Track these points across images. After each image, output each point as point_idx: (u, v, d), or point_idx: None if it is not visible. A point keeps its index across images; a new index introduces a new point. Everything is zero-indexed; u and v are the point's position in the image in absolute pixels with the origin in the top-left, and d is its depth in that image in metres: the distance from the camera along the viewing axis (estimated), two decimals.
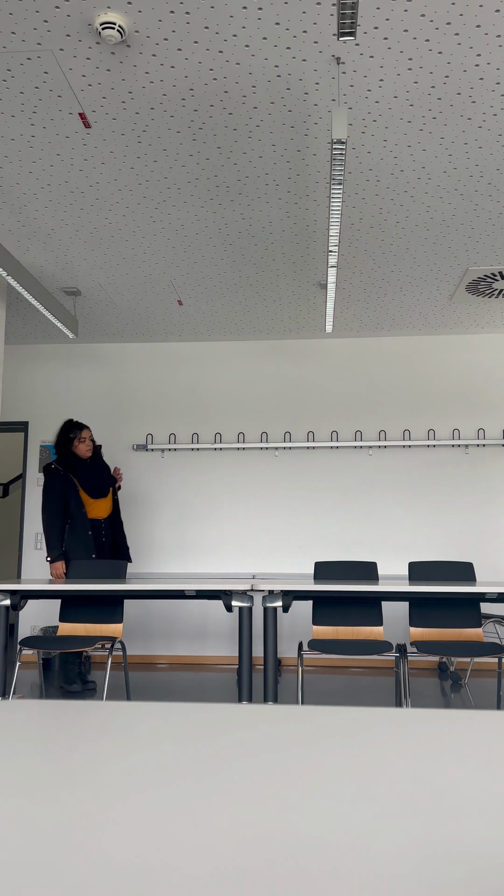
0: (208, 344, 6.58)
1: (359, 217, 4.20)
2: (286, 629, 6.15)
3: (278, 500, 6.30)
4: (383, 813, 0.51)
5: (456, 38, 2.75)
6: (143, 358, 6.63)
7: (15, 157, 3.61)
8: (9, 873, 0.41)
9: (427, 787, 0.56)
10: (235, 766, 0.61)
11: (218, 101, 3.15)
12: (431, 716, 0.81)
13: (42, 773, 0.60)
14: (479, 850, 0.44)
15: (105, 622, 4.19)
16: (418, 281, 5.13)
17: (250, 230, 4.37)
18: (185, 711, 0.82)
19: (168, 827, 0.48)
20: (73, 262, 4.85)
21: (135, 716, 0.80)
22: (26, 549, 6.48)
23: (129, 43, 2.79)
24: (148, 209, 4.13)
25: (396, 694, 4.03)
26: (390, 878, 0.40)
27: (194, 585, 3.51)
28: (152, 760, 0.63)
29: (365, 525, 6.20)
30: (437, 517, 6.16)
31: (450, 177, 3.76)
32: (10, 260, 4.24)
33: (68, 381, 6.67)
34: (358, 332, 6.28)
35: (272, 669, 3.50)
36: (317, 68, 2.92)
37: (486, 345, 6.34)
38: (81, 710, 0.82)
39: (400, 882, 0.39)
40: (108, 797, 0.54)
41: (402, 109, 3.19)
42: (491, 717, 0.80)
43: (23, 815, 0.50)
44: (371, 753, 0.66)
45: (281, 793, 0.55)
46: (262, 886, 0.39)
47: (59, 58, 2.88)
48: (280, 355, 6.50)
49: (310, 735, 0.72)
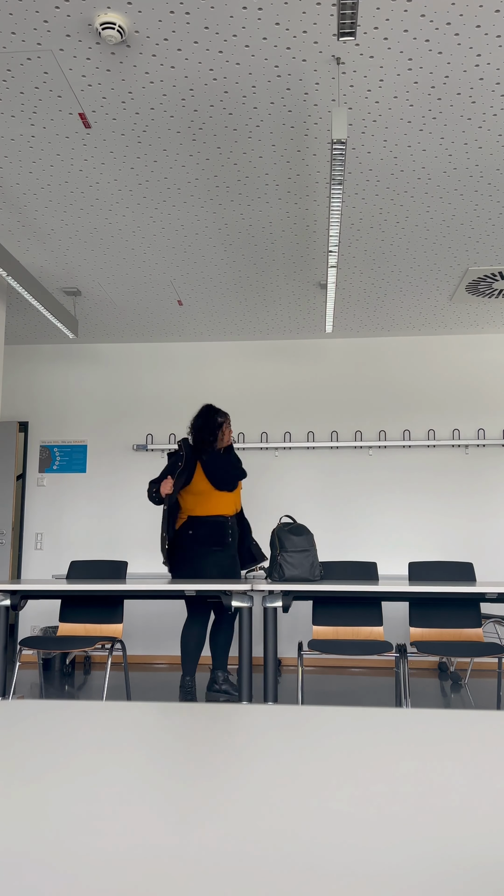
0: (208, 344, 6.58)
1: (359, 217, 4.20)
2: (286, 629, 6.15)
3: (278, 500, 6.30)
4: (383, 813, 0.51)
5: (456, 38, 2.75)
6: (143, 358, 6.63)
7: (15, 157, 3.61)
8: (8, 873, 0.41)
9: (427, 788, 0.56)
10: (235, 767, 0.61)
11: (218, 102, 3.15)
12: (431, 716, 0.81)
13: (42, 774, 0.60)
14: (479, 851, 0.44)
15: (105, 622, 4.19)
16: (418, 281, 5.13)
17: (250, 230, 4.37)
18: (185, 711, 0.82)
19: (167, 827, 0.48)
20: (73, 262, 4.85)
21: (135, 716, 0.80)
22: (26, 549, 6.48)
23: (129, 43, 2.79)
24: (148, 209, 4.13)
25: (396, 694, 4.03)
26: (390, 879, 0.40)
27: (194, 585, 3.51)
28: (152, 761, 0.63)
29: (365, 525, 6.20)
30: (437, 517, 6.16)
31: (450, 177, 3.76)
32: (10, 260, 4.24)
33: (68, 381, 6.67)
34: (358, 332, 6.28)
35: (272, 669, 3.50)
36: (317, 68, 2.92)
37: (486, 345, 6.33)
38: (81, 710, 0.82)
39: (400, 883, 0.39)
40: (108, 797, 0.54)
41: (402, 109, 3.19)
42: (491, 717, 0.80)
43: (22, 816, 0.50)
44: (371, 754, 0.66)
45: (280, 793, 0.55)
46: (261, 887, 0.39)
47: (59, 58, 2.88)
48: (280, 355, 6.50)
49: (310, 735, 0.72)
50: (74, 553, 6.43)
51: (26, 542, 6.49)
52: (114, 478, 6.49)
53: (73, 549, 6.44)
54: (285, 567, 3.81)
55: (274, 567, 3.87)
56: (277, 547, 3.88)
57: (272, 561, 3.92)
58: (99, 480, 6.49)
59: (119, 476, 6.49)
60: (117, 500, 6.46)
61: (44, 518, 6.50)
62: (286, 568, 3.81)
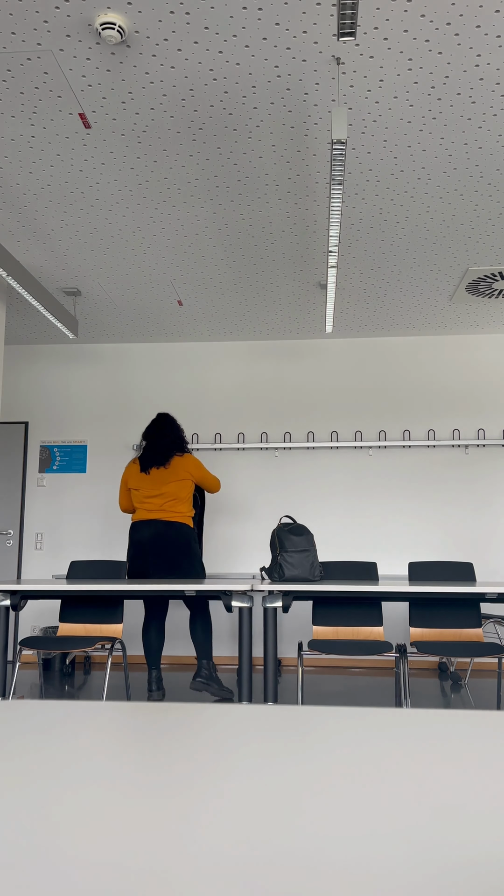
0: (208, 344, 6.58)
1: (359, 217, 4.20)
2: (286, 629, 6.15)
3: (278, 500, 6.30)
4: (383, 813, 0.51)
5: (456, 38, 2.75)
6: (143, 358, 6.63)
7: (15, 157, 3.61)
8: (8, 873, 0.41)
9: (427, 788, 0.56)
10: (235, 767, 0.62)
11: (218, 102, 3.15)
12: (431, 716, 0.81)
13: (41, 774, 0.60)
14: (479, 852, 0.44)
15: (105, 622, 4.19)
16: (418, 281, 5.13)
17: (250, 230, 4.37)
18: (185, 711, 0.82)
19: (167, 828, 0.48)
20: (73, 262, 4.85)
21: (135, 716, 0.80)
22: (26, 549, 6.48)
23: (129, 43, 2.79)
24: (148, 209, 4.13)
25: (396, 694, 4.03)
26: (390, 879, 0.40)
27: (194, 586, 3.51)
28: (151, 761, 0.63)
29: (365, 525, 6.20)
30: (437, 517, 6.16)
31: (450, 177, 3.76)
32: (10, 260, 4.24)
33: (68, 381, 6.67)
34: (358, 332, 6.28)
35: (272, 670, 3.50)
36: (317, 69, 2.92)
37: (486, 345, 6.34)
38: (81, 711, 0.82)
39: (400, 883, 0.39)
40: (108, 797, 0.54)
41: (401, 110, 3.19)
42: (491, 717, 0.80)
43: (22, 816, 0.50)
44: (371, 754, 0.66)
45: (280, 793, 0.55)
46: (261, 887, 0.39)
47: (59, 58, 2.88)
48: (280, 355, 6.50)
49: (310, 735, 0.72)
50: (74, 553, 6.43)
51: (26, 542, 6.49)
52: (114, 478, 6.49)
53: (73, 549, 6.44)
54: (285, 567, 3.81)
55: (274, 567, 3.87)
56: (277, 547, 3.89)
57: (272, 561, 3.92)
58: (99, 480, 6.49)
59: (119, 476, 6.48)
60: (117, 500, 6.46)
61: (44, 518, 6.50)
62: (286, 568, 3.81)
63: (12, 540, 6.46)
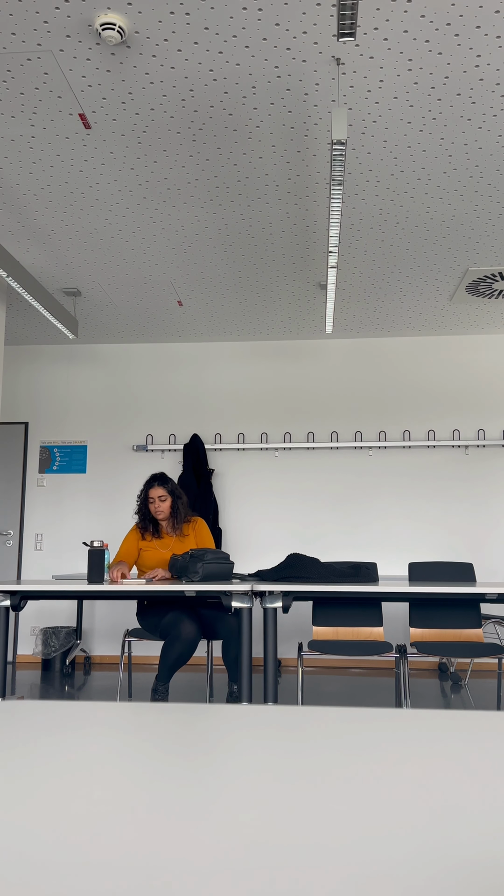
0: (208, 344, 6.58)
1: (359, 217, 4.20)
2: (286, 630, 6.14)
3: (278, 500, 6.30)
4: (383, 814, 0.51)
5: (456, 38, 2.75)
6: (143, 358, 6.64)
7: (15, 158, 3.61)
8: (8, 873, 0.41)
9: (427, 788, 0.56)
10: (235, 767, 0.62)
11: (218, 102, 3.15)
12: (431, 716, 0.81)
13: (42, 774, 0.60)
14: (479, 851, 0.44)
15: None
16: (418, 281, 5.13)
17: (250, 230, 4.37)
18: (185, 712, 0.82)
19: (166, 828, 0.48)
20: (73, 262, 4.85)
21: (135, 716, 0.80)
22: (26, 549, 6.48)
23: (129, 44, 2.79)
24: (148, 210, 4.13)
25: (396, 694, 4.03)
26: (390, 879, 0.40)
27: (194, 586, 3.51)
28: (152, 761, 0.63)
29: (365, 525, 6.20)
30: (437, 517, 6.16)
31: (450, 177, 3.76)
32: (10, 260, 4.24)
33: (68, 382, 6.67)
34: (358, 332, 6.28)
35: (272, 670, 3.50)
36: (317, 69, 2.93)
37: (486, 345, 6.34)
38: (81, 710, 0.82)
39: (400, 883, 0.39)
40: (108, 797, 0.54)
41: (401, 110, 3.19)
42: (491, 717, 0.80)
43: (22, 816, 0.50)
44: (371, 754, 0.66)
45: (280, 794, 0.55)
46: (261, 887, 0.39)
47: (59, 58, 2.88)
48: (280, 355, 6.50)
49: (310, 736, 0.72)
50: (74, 553, 6.43)
51: (26, 542, 6.49)
52: (114, 478, 6.49)
53: (73, 550, 6.44)
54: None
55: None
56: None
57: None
58: (99, 481, 6.49)
59: (119, 476, 6.49)
60: (117, 501, 6.46)
61: (44, 518, 6.50)
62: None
63: (12, 540, 6.47)
